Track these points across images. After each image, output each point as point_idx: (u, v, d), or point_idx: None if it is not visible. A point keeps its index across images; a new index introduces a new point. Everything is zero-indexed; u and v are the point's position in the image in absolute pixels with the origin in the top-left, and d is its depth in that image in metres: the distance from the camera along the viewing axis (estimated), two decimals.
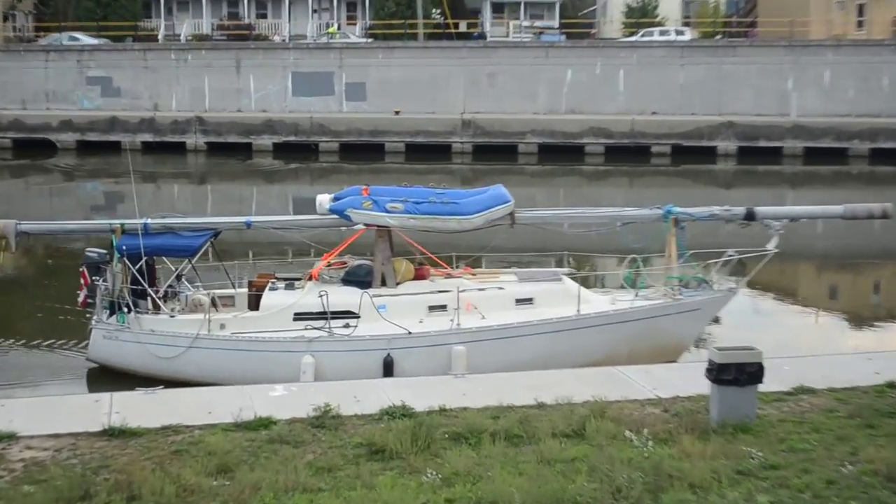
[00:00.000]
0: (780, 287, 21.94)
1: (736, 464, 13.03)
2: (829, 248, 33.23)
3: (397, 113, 58.31)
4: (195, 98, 60.68)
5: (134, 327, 20.34)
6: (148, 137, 58.41)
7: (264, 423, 14.61)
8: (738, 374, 14.33)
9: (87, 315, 21.86)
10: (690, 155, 55.07)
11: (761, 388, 14.85)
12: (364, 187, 21.50)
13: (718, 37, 73.53)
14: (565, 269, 22.41)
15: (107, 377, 20.30)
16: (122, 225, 20.90)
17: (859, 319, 26.43)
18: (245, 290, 21.99)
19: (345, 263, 21.50)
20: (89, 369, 21.11)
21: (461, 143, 56.84)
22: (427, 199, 20.97)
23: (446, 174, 52.07)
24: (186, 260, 21.53)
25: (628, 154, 55.40)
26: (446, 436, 14.06)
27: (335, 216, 21.09)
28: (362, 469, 12.93)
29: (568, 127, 56.74)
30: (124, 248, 20.46)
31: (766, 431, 14.28)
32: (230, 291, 22.17)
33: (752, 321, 22.14)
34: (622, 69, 59.25)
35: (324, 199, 21.45)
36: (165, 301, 21.37)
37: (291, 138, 57.77)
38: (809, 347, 22.87)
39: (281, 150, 57.33)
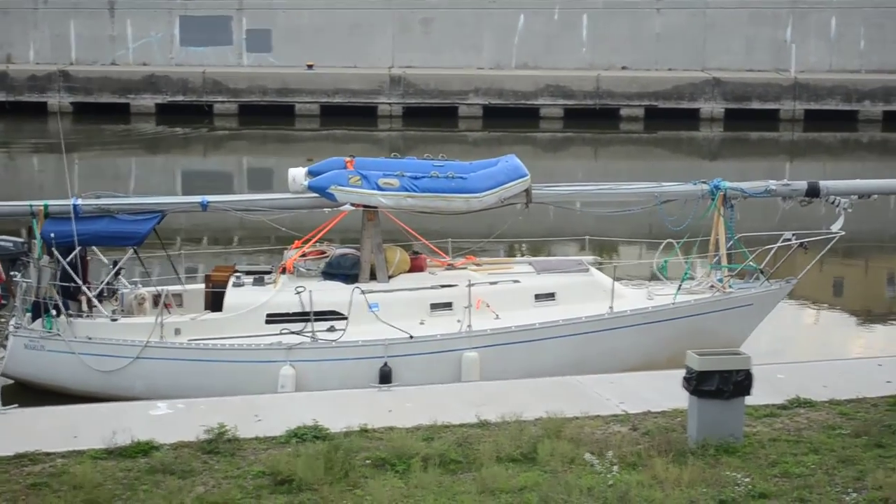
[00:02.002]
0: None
1: (718, 492, 13.25)
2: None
3: (310, 67, 58.08)
4: (58, 47, 59.90)
5: (66, 334, 20.12)
6: None
7: (144, 449, 14.59)
8: (721, 383, 14.56)
9: (2, 319, 21.54)
10: (668, 119, 55.43)
11: (750, 400, 15.10)
12: (347, 159, 21.59)
13: None
14: (589, 258, 22.80)
15: (27, 396, 19.63)
16: (46, 206, 20.62)
17: (869, 318, 26.85)
18: (197, 286, 21.94)
19: (323, 253, 21.54)
20: (4, 386, 20.71)
21: (389, 104, 56.74)
22: (428, 173, 21.12)
23: (371, 143, 51.96)
24: (128, 250, 21.45)
25: (592, 118, 55.64)
26: (368, 462, 14.13)
27: (315, 195, 21.16)
28: None
29: (519, 85, 56.86)
30: (53, 235, 20.23)
31: (756, 453, 14.51)
32: (177, 288, 22.07)
33: None
34: (585, 14, 59.47)
35: (298, 174, 21.47)
36: (101, 301, 21.22)
37: (179, 98, 57.29)
38: (808, 352, 23.21)
39: (166, 113, 56.80)
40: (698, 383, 14.60)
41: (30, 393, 20.02)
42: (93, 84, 57.41)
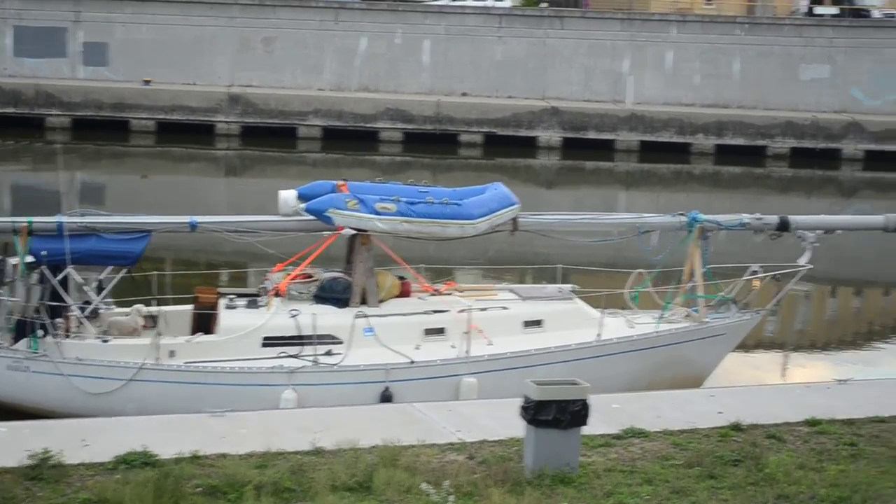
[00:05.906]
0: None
1: None
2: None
3: (148, 83, 57.34)
4: None
5: (53, 355, 19.52)
6: None
7: None
8: (559, 413, 14.57)
9: None
10: (506, 146, 56.04)
11: (585, 430, 15.15)
12: (340, 182, 21.57)
13: (544, 5, 75.14)
14: (568, 286, 23.07)
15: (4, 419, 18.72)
16: (30, 223, 19.98)
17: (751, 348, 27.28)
18: (175, 307, 21.52)
19: (309, 276, 21.34)
20: None
21: (227, 122, 56.28)
22: (423, 198, 21.16)
23: (208, 161, 51.47)
24: (118, 270, 20.90)
25: (432, 142, 55.99)
26: (199, 490, 13.86)
27: (308, 217, 21.01)
28: None
29: (360, 107, 56.94)
30: (44, 253, 19.64)
31: (591, 483, 14.57)
32: (152, 309, 21.51)
33: None
34: (427, 40, 59.84)
35: (289, 197, 21.33)
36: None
37: (10, 110, 56.08)
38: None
39: None
40: (536, 412, 14.60)
41: (7, 415, 19.11)
42: None
